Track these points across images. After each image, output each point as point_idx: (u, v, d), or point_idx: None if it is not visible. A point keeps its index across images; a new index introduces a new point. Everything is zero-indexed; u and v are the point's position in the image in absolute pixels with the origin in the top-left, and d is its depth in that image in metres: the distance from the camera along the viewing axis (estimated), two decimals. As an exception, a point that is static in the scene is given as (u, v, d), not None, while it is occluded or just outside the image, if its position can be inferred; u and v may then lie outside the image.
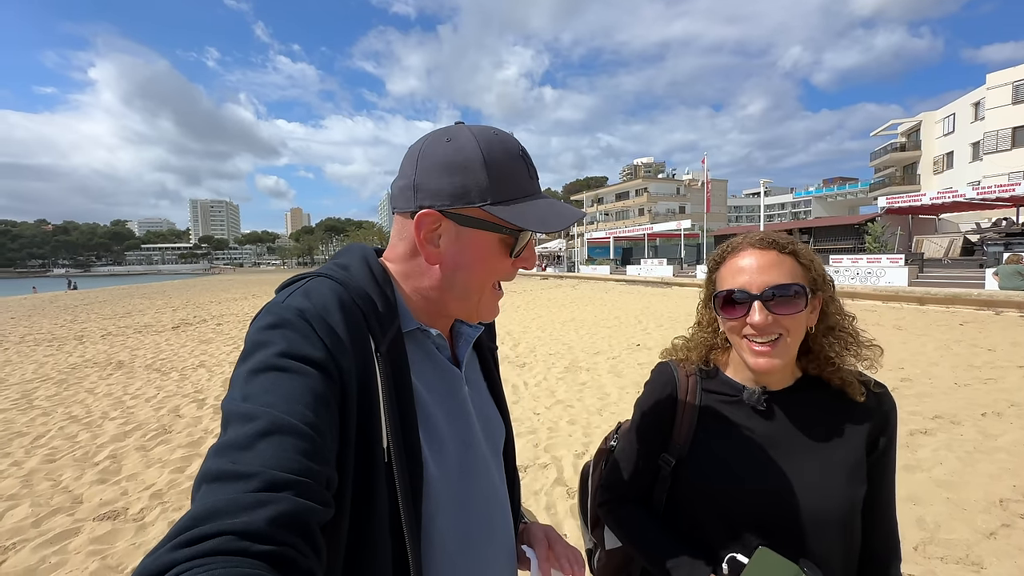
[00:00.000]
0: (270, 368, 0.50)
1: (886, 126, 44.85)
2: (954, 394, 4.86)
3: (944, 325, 8.97)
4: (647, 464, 0.93)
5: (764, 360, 0.80)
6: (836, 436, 0.83)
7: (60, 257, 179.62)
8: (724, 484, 0.84)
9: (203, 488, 0.42)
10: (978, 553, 2.40)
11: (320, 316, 0.55)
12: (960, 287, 12.60)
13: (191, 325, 12.80)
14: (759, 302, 0.78)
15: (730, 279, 0.83)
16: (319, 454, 0.47)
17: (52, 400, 5.72)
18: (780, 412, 0.86)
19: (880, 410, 0.85)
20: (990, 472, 3.21)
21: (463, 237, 0.64)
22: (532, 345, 8.31)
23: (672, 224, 34.65)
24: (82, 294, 31.88)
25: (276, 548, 0.39)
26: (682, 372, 0.93)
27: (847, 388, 0.84)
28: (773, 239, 0.83)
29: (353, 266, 0.65)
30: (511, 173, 0.64)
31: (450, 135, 0.64)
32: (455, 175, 0.62)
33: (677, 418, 0.90)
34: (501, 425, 0.80)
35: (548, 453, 3.77)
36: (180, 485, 3.40)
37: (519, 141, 0.68)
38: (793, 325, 0.79)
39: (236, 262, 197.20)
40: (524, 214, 0.63)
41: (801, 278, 0.81)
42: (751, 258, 0.82)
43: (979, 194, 18.41)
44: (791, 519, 0.79)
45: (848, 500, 0.80)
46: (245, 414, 0.47)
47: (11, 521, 2.96)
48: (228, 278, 64.31)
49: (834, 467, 0.81)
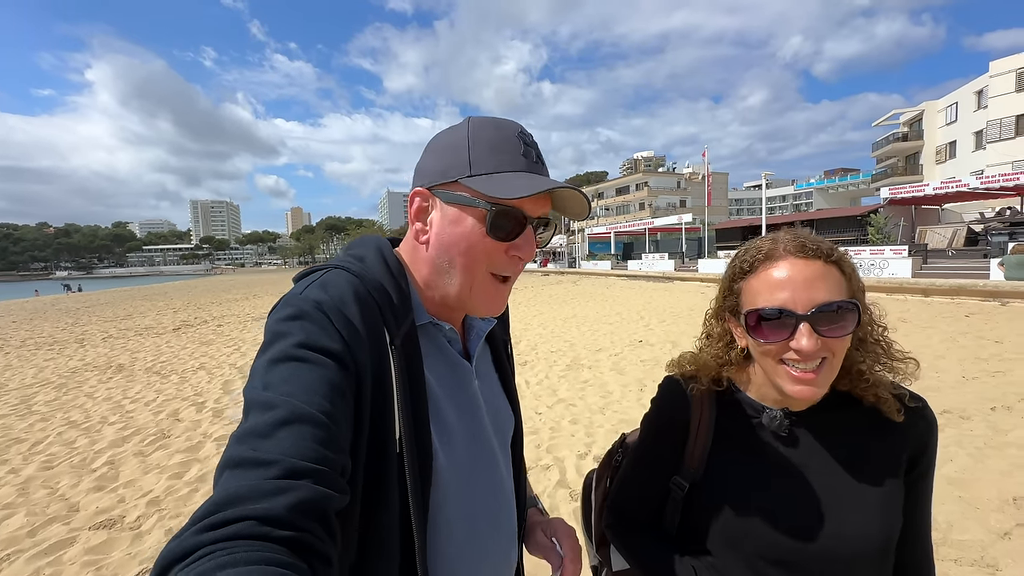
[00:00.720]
0: (289, 358, 0.52)
1: (888, 116, 44.52)
2: (962, 388, 4.79)
3: (949, 317, 8.89)
4: (657, 488, 0.86)
5: (806, 388, 0.69)
6: (871, 461, 0.74)
7: (62, 260, 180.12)
8: (743, 514, 0.76)
9: (225, 474, 0.44)
10: (993, 554, 2.34)
11: (337, 308, 0.56)
12: (965, 278, 12.50)
13: (192, 327, 12.78)
14: (807, 324, 0.66)
15: (766, 294, 0.70)
16: (335, 443, 0.49)
17: (51, 405, 5.69)
18: (806, 433, 0.77)
19: (918, 430, 0.75)
20: (1001, 468, 3.14)
21: (446, 214, 0.65)
22: (533, 343, 8.26)
23: (673, 218, 34.48)
24: (84, 297, 31.95)
25: (296, 534, 0.40)
26: (694, 388, 0.83)
27: (881, 405, 0.73)
28: (817, 246, 0.70)
29: (368, 258, 0.66)
30: (497, 148, 0.64)
31: (454, 125, 0.68)
32: (444, 154, 0.66)
33: (690, 440, 0.82)
34: (511, 417, 0.80)
35: (550, 454, 3.72)
36: (177, 492, 3.35)
37: (521, 126, 0.68)
38: (840, 347, 0.69)
39: (238, 262, 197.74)
40: (497, 184, 0.62)
41: (846, 292, 0.70)
42: (791, 269, 0.69)
43: (983, 183, 18.23)
44: (818, 556, 0.71)
45: (885, 535, 0.71)
46: (265, 402, 0.48)
47: (6, 531, 2.91)
48: (229, 279, 64.43)
49: (869, 497, 0.72)
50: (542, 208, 0.66)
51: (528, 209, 0.64)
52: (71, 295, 34.44)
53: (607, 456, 1.04)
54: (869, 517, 0.72)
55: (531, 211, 0.64)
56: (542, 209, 0.66)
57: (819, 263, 0.69)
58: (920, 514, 0.77)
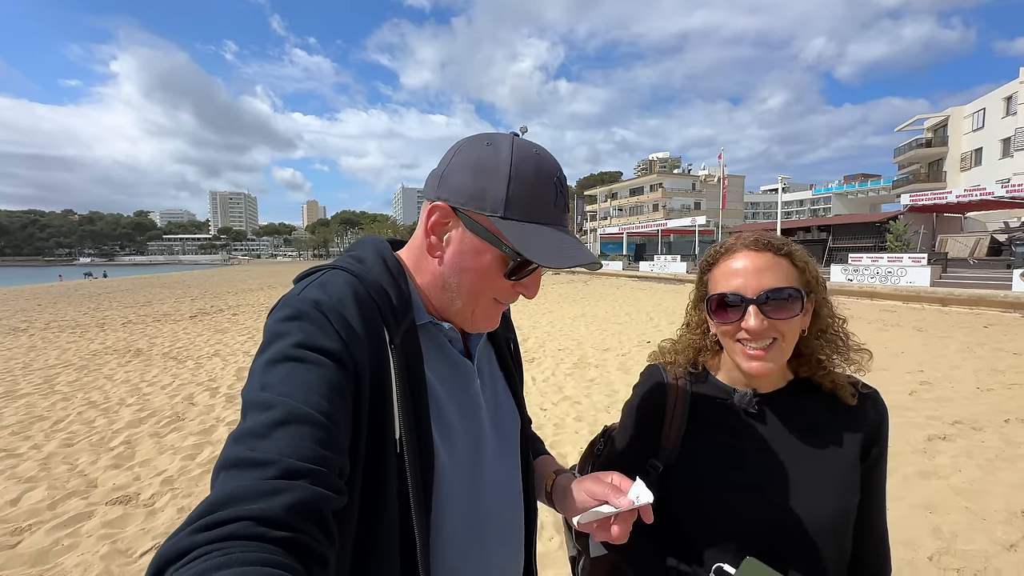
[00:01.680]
0: (287, 359, 0.52)
1: (911, 121, 43.47)
2: (976, 399, 4.71)
3: (967, 327, 8.69)
4: (635, 470, 0.89)
5: (758, 364, 0.77)
6: (829, 441, 0.81)
7: (86, 247, 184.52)
8: (713, 489, 0.81)
9: (222, 475, 0.44)
10: (997, 566, 2.31)
11: (336, 308, 0.56)
12: (985, 288, 12.20)
13: (208, 315, 13.05)
14: (754, 306, 0.76)
15: (723, 282, 0.80)
16: (333, 443, 0.49)
17: (72, 386, 5.88)
18: (772, 415, 0.84)
19: (873, 416, 0.83)
20: (1012, 481, 3.09)
21: (466, 241, 0.63)
22: (541, 340, 8.29)
23: (687, 220, 34.14)
24: (105, 283, 32.75)
25: (292, 534, 0.40)
26: (671, 375, 0.91)
27: (838, 391, 0.82)
28: (768, 240, 0.80)
29: (368, 259, 0.66)
30: (534, 193, 0.62)
31: (492, 140, 0.64)
32: (478, 177, 0.62)
33: (666, 422, 0.88)
34: (516, 416, 0.79)
35: (554, 450, 3.75)
36: (190, 472, 3.46)
37: (560, 167, 0.66)
38: (788, 329, 0.77)
39: (254, 253, 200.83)
40: (528, 239, 0.60)
41: (796, 281, 0.79)
42: (745, 260, 0.79)
43: (1008, 192, 17.72)
44: (781, 526, 0.77)
45: (842, 508, 0.78)
46: (263, 403, 0.48)
47: (28, 503, 3.05)
48: (245, 269, 65.46)
49: (828, 473, 0.79)
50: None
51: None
52: (92, 281, 35.33)
53: (589, 446, 1.07)
54: (829, 490, 0.78)
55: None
56: None
57: (769, 255, 0.79)
58: (873, 500, 0.82)
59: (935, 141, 40.21)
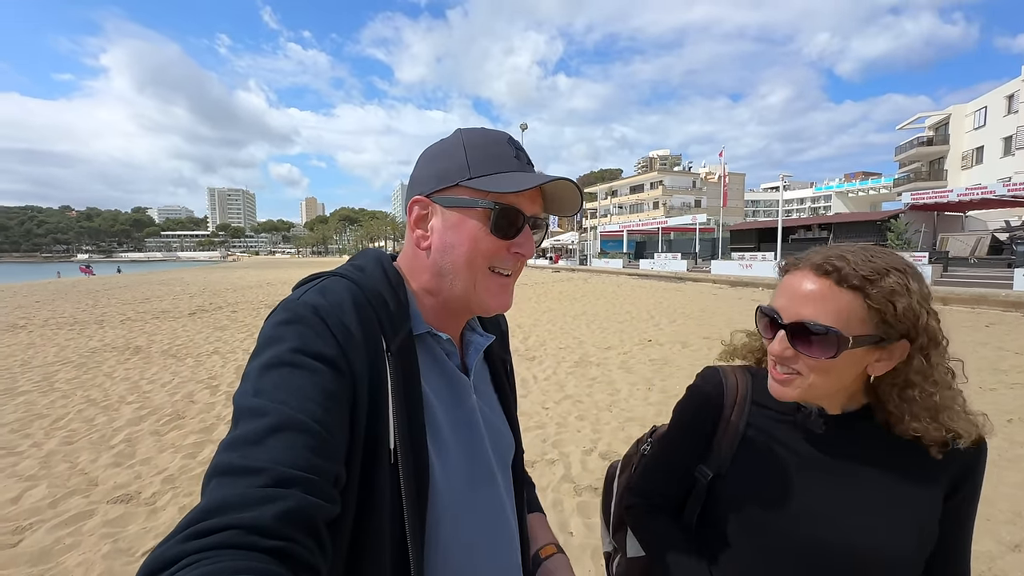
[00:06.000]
0: (283, 364, 0.51)
1: (913, 119, 43.40)
2: (978, 399, 4.68)
3: (968, 326, 8.68)
4: (682, 473, 0.87)
5: (777, 387, 0.75)
6: (907, 474, 0.72)
7: (84, 243, 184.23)
8: (765, 508, 0.76)
9: (213, 482, 0.43)
10: (1001, 566, 2.31)
11: (334, 314, 0.56)
12: (987, 287, 12.19)
13: (207, 312, 13.01)
14: (783, 332, 0.72)
15: (777, 295, 0.76)
16: (328, 451, 0.48)
17: (72, 383, 5.86)
18: (840, 439, 0.76)
19: (965, 453, 0.72)
20: (1016, 481, 3.09)
21: (448, 218, 0.66)
22: (542, 339, 8.27)
23: (687, 218, 34.10)
24: (103, 280, 32.69)
25: (282, 543, 0.40)
26: (731, 379, 0.86)
27: (920, 441, 0.72)
28: (836, 267, 0.69)
29: (368, 267, 0.66)
30: (491, 151, 0.67)
31: (443, 138, 0.71)
32: (439, 160, 0.67)
33: (720, 428, 0.83)
34: (511, 438, 0.78)
35: (556, 449, 3.74)
36: (191, 471, 3.45)
37: (510, 135, 0.71)
38: (818, 368, 0.70)
39: (252, 250, 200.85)
40: (497, 182, 0.64)
41: (856, 323, 0.67)
42: (802, 280, 0.72)
43: (1010, 191, 17.70)
44: (841, 562, 0.71)
45: (915, 551, 0.70)
46: (256, 409, 0.47)
47: (29, 501, 3.03)
48: (243, 266, 65.32)
49: (902, 509, 0.71)
50: (535, 207, 0.68)
51: (524, 208, 0.66)
52: (91, 278, 35.25)
53: (635, 444, 1.06)
54: (902, 529, 0.71)
55: (527, 210, 0.66)
56: (535, 208, 0.68)
57: (828, 283, 0.69)
58: (959, 537, 0.76)
59: (936, 139, 40.13)
